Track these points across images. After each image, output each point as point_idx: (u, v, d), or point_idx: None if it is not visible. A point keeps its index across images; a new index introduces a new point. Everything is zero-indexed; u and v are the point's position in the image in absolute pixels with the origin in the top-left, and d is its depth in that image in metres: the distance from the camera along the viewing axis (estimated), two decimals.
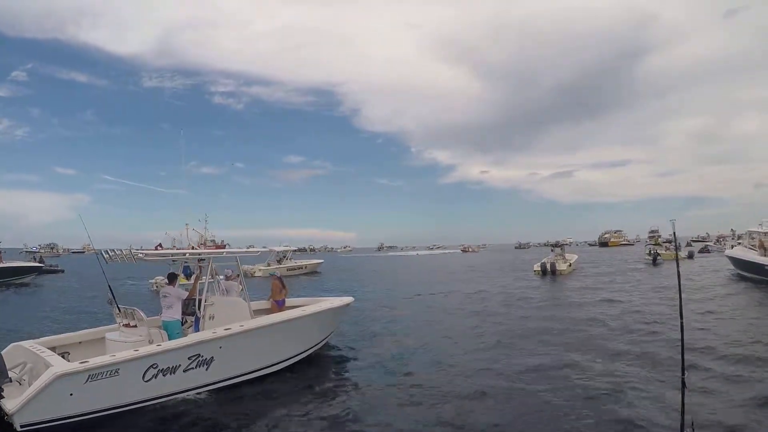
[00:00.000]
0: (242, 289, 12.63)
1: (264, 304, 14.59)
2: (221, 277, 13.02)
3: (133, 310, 10.94)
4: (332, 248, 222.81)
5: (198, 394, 9.98)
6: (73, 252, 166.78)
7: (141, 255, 10.72)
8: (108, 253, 10.69)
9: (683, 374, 5.50)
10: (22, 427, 7.90)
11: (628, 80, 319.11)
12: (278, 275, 15.15)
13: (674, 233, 5.72)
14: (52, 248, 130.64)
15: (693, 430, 5.29)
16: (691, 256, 60.57)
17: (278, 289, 14.49)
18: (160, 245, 11.34)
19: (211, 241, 12.43)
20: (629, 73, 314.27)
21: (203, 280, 11.64)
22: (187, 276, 27.39)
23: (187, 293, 11.39)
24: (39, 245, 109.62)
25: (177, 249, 11.64)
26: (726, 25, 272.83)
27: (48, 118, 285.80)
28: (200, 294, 11.16)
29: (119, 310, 11.24)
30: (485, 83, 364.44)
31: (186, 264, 12.48)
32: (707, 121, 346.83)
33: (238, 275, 13.02)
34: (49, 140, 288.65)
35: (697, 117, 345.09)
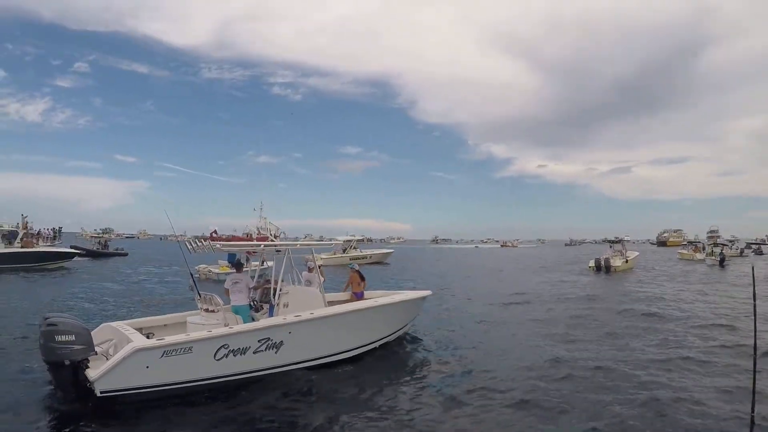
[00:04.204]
0: (322, 281, 12.76)
1: (343, 295, 14.76)
2: (303, 271, 13.36)
3: (212, 296, 11.38)
4: (387, 239, 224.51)
5: (266, 375, 10.19)
6: (126, 237, 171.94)
7: (218, 246, 11.20)
8: (191, 245, 11.17)
9: (755, 353, 5.23)
10: (101, 393, 8.36)
11: (688, 76, 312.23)
12: (356, 268, 15.03)
13: None
14: (106, 233, 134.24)
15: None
16: (722, 261, 49.78)
17: (357, 281, 14.54)
18: (215, 231, 11.63)
19: (264, 228, 12.58)
20: (689, 69, 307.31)
21: (264, 267, 11.81)
22: (232, 263, 27.79)
23: (253, 280, 11.90)
24: (95, 230, 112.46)
25: (253, 239, 11.88)
26: None
27: (109, 107, 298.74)
28: (275, 283, 11.53)
29: (200, 296, 11.73)
30: (543, 77, 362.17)
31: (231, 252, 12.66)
32: None
33: (316, 267, 13.20)
34: (110, 129, 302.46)
35: (760, 115, 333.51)
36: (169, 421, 8.32)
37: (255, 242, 11.66)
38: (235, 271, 12.14)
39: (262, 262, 13.80)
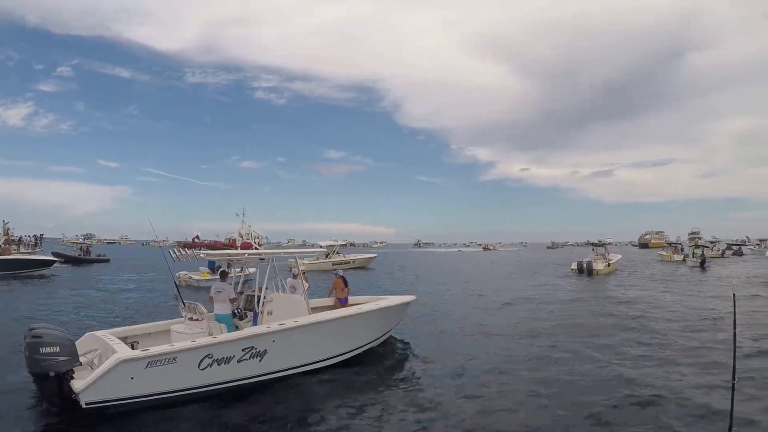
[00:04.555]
0: (307, 287, 12.84)
1: (327, 301, 14.85)
2: (288, 278, 13.54)
3: (196, 305, 11.38)
4: (370, 243, 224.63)
5: (251, 383, 10.28)
6: (107, 242, 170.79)
7: (203, 255, 11.42)
8: (175, 253, 11.23)
9: (734, 379, 5.35)
10: (87, 404, 8.44)
11: (672, 78, 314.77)
12: (341, 273, 15.13)
13: None
14: (88, 238, 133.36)
15: None
16: (703, 263, 51.35)
17: (341, 287, 14.61)
18: (197, 237, 11.73)
19: (246, 234, 12.70)
20: (672, 71, 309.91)
21: (247, 273, 11.84)
22: (212, 270, 27.79)
23: (237, 287, 12.11)
24: (76, 235, 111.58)
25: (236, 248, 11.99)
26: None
27: (92, 112, 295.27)
28: (259, 290, 11.64)
29: (184, 305, 11.73)
30: (526, 80, 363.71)
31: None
32: (753, 122, 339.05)
33: (300, 273, 13.19)
34: (93, 134, 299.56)
35: (743, 117, 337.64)
36: (154, 429, 8.37)
37: (239, 251, 11.72)
38: (218, 278, 12.22)
39: (242, 269, 13.82)
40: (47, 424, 8.46)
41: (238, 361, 10.05)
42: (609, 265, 44.27)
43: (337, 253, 54.49)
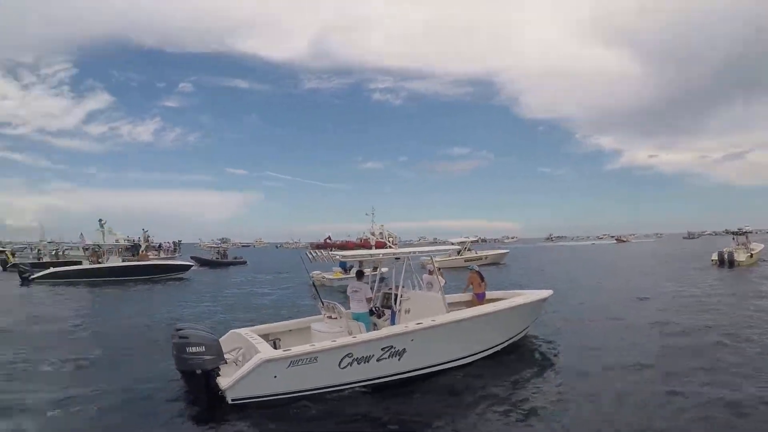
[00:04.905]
0: (444, 284, 12.81)
1: (463, 296, 14.74)
2: (422, 274, 13.73)
3: (334, 304, 11.58)
4: (501, 239, 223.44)
5: (389, 381, 10.30)
6: (242, 245, 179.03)
7: (338, 257, 11.67)
8: (312, 254, 11.61)
9: None
10: (232, 401, 8.90)
11: None
12: (477, 268, 14.96)
13: None
14: (224, 242, 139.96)
15: None
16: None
17: (477, 282, 14.40)
18: (329, 238, 11.87)
19: (379, 234, 12.77)
20: None
21: (382, 272, 11.82)
22: (344, 269, 28.42)
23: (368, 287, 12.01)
24: (212, 240, 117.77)
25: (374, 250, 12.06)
26: None
27: (216, 123, 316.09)
28: (396, 289, 11.70)
29: (323, 304, 12.00)
30: (646, 64, 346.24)
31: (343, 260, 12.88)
32: None
33: (435, 269, 13.37)
34: (218, 144, 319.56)
35: None
36: (297, 424, 8.60)
37: (375, 251, 11.76)
38: (353, 278, 12.40)
39: (376, 269, 13.88)
40: (195, 416, 8.86)
41: (377, 360, 10.12)
42: (751, 255, 40.85)
43: (469, 249, 53.88)
